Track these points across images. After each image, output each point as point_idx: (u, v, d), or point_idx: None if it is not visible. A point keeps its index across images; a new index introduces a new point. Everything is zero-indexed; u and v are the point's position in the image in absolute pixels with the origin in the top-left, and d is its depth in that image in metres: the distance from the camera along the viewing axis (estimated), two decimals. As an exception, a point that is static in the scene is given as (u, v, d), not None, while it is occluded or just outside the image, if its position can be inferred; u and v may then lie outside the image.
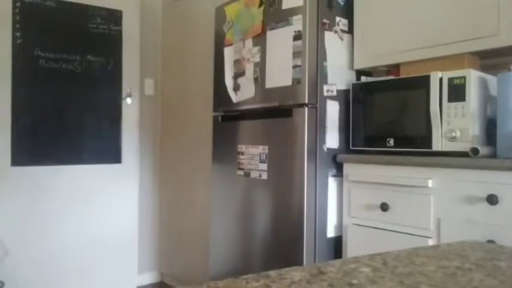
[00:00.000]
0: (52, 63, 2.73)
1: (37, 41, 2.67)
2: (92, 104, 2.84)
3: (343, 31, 2.03)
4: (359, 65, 2.03)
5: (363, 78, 2.01)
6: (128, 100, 2.92)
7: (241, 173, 2.19)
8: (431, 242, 1.58)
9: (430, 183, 1.59)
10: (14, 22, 2.60)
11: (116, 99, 2.91)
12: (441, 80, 1.60)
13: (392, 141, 1.77)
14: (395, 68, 1.96)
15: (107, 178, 2.82)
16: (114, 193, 2.85)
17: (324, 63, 1.95)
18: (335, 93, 1.97)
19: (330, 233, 1.94)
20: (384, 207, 1.73)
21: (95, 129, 2.84)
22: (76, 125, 2.78)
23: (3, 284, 2.42)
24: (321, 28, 1.94)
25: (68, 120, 2.75)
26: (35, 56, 2.67)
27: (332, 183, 1.95)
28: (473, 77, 1.54)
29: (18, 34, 2.61)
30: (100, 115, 2.86)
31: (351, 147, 1.95)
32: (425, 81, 1.64)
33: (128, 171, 2.90)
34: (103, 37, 2.87)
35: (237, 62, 2.26)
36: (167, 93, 3.18)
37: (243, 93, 2.20)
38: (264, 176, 2.05)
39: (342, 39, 2.02)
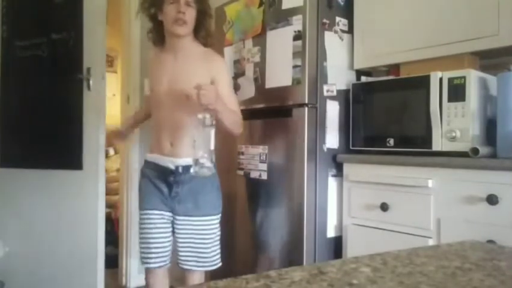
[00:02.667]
0: (26, 51, 2.42)
1: (17, 29, 2.43)
2: (54, 94, 2.40)
3: (343, 31, 2.03)
4: (359, 65, 2.02)
5: (363, 78, 2.01)
6: (91, 83, 2.31)
7: (241, 173, 2.19)
8: (431, 242, 1.58)
9: (430, 183, 1.59)
10: (2, 15, 2.46)
11: (75, 86, 2.35)
12: (441, 80, 1.60)
13: (392, 141, 1.77)
14: (395, 68, 1.96)
15: (65, 186, 2.43)
16: (72, 204, 2.44)
17: (324, 63, 1.94)
18: (335, 93, 1.97)
19: (330, 233, 1.94)
20: (384, 207, 1.72)
21: (54, 126, 2.41)
22: (37, 122, 2.42)
23: (3, 284, 2.42)
24: (321, 28, 1.94)
25: (32, 118, 2.43)
26: (14, 46, 2.42)
27: (332, 183, 1.95)
28: (473, 77, 1.54)
29: (4, 27, 2.45)
30: (60, 108, 2.40)
31: (351, 147, 1.95)
32: (425, 81, 1.64)
33: (89, 180, 2.40)
34: (64, 7, 2.38)
35: (237, 62, 2.26)
36: (167, 93, 3.18)
37: (243, 93, 2.20)
38: (264, 176, 2.05)
39: (342, 39, 2.02)
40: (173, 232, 1.75)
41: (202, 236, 1.72)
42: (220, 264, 1.78)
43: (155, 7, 1.74)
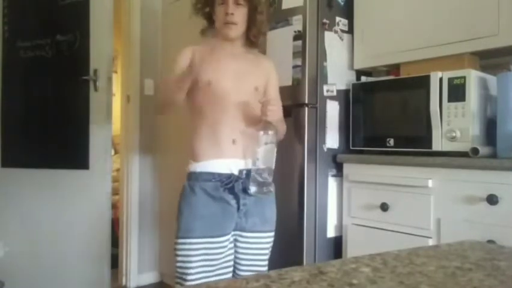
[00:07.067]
0: (29, 52, 2.43)
1: (19, 30, 2.44)
2: (59, 94, 2.42)
3: (343, 31, 2.03)
4: (359, 65, 2.03)
5: (363, 78, 2.01)
6: (98, 84, 2.35)
7: (241, 173, 2.19)
8: (431, 242, 1.58)
9: (430, 183, 1.59)
10: (4, 15, 2.47)
11: (82, 86, 2.37)
12: (441, 80, 1.60)
13: (392, 141, 1.77)
14: (395, 68, 1.96)
15: (71, 186, 2.44)
16: (80, 203, 2.44)
17: (324, 63, 1.94)
18: (335, 93, 1.97)
19: (330, 233, 1.94)
20: (384, 207, 1.72)
21: (60, 126, 2.43)
22: (43, 122, 2.44)
23: (3, 284, 2.42)
24: (321, 28, 1.94)
25: (37, 118, 2.45)
26: (16, 47, 2.43)
27: (332, 183, 1.95)
28: (473, 77, 1.54)
29: (6, 28, 2.46)
30: (66, 109, 2.42)
31: (351, 147, 1.95)
32: (425, 81, 1.64)
33: (96, 179, 2.41)
34: (69, 9, 2.39)
35: (237, 62, 2.25)
36: (167, 93, 3.18)
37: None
38: (264, 176, 2.05)
39: (342, 39, 2.02)
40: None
41: (264, 253, 1.58)
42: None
43: (208, 7, 1.62)
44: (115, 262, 3.04)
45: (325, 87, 1.94)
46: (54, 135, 2.47)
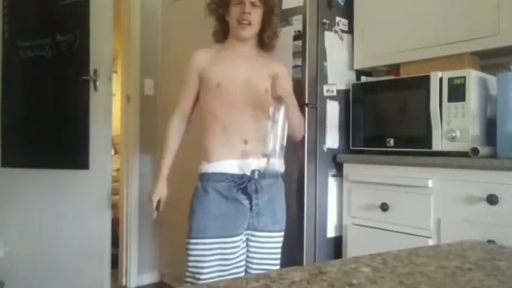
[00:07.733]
0: (29, 52, 2.44)
1: (19, 30, 2.46)
2: (60, 95, 2.44)
3: (343, 31, 2.03)
4: (359, 65, 2.02)
5: (363, 78, 2.01)
6: (98, 84, 2.36)
7: (241, 173, 2.18)
8: (431, 242, 1.58)
9: (430, 183, 1.59)
10: (4, 15, 2.48)
11: (82, 86, 2.38)
12: (441, 80, 1.60)
13: (392, 141, 1.77)
14: (395, 68, 1.96)
15: (71, 186, 2.45)
16: (80, 203, 2.44)
17: (324, 63, 1.94)
18: (335, 93, 1.97)
19: (330, 233, 1.94)
20: (384, 207, 1.72)
21: (60, 126, 2.45)
22: (43, 122, 2.47)
23: (3, 284, 2.42)
24: (321, 28, 1.94)
25: (37, 118, 2.47)
26: (16, 47, 2.45)
27: (332, 183, 1.95)
28: (473, 77, 1.54)
29: (6, 28, 2.48)
30: (66, 109, 2.44)
31: (351, 147, 1.95)
32: (425, 81, 1.64)
33: (96, 179, 2.42)
34: (69, 9, 2.40)
35: (237, 62, 2.25)
36: (167, 93, 3.18)
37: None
38: (264, 176, 2.04)
39: (342, 39, 2.02)
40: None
41: (276, 252, 1.60)
42: None
43: (222, 8, 1.64)
44: (115, 262, 3.04)
45: (325, 87, 1.94)
46: (54, 135, 2.47)
